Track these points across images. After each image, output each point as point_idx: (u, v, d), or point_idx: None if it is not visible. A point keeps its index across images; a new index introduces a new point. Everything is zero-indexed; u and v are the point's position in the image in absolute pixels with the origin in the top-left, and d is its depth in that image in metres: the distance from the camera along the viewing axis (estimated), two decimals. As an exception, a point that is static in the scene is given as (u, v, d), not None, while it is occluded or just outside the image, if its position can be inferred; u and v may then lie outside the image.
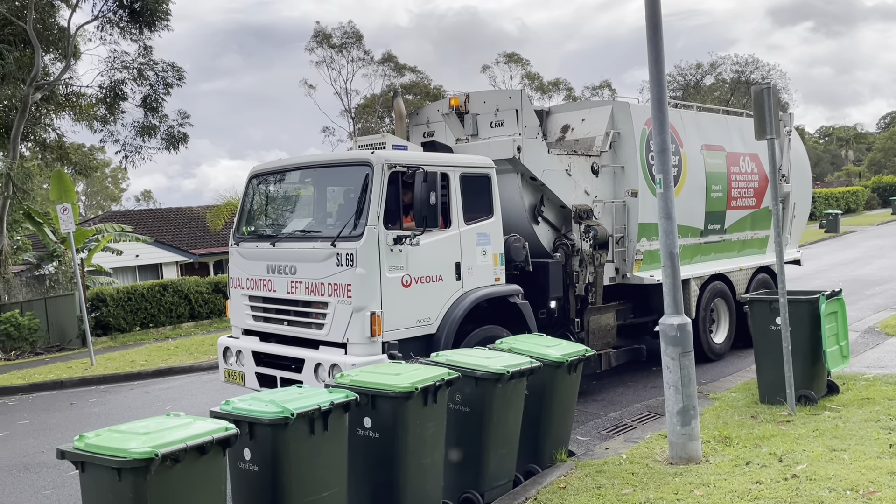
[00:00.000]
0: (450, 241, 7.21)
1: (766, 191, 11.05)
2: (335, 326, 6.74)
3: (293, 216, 8.06)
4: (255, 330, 7.62)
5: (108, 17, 18.55)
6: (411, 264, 6.83)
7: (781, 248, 7.26)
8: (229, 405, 4.39)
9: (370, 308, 6.56)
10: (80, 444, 3.75)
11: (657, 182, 6.07)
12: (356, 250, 6.61)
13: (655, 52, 6.01)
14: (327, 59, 42.31)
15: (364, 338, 6.54)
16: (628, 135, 9.08)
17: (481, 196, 7.58)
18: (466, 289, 7.27)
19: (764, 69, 49.81)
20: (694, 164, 9.90)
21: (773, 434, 6.40)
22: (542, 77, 48.17)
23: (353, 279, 6.60)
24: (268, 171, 8.01)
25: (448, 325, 7.01)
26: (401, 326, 6.77)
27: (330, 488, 4.43)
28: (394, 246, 6.69)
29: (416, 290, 6.87)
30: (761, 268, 11.15)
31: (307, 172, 7.80)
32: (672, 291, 5.98)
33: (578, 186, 8.75)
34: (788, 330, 6.95)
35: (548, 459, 5.99)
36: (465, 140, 8.72)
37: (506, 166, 8.13)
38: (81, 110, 19.81)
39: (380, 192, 6.70)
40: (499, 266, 7.62)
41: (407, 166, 6.81)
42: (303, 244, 7.21)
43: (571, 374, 6.07)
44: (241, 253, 7.79)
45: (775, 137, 7.09)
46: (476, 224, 7.44)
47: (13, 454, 8.00)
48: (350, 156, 7.48)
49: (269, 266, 7.39)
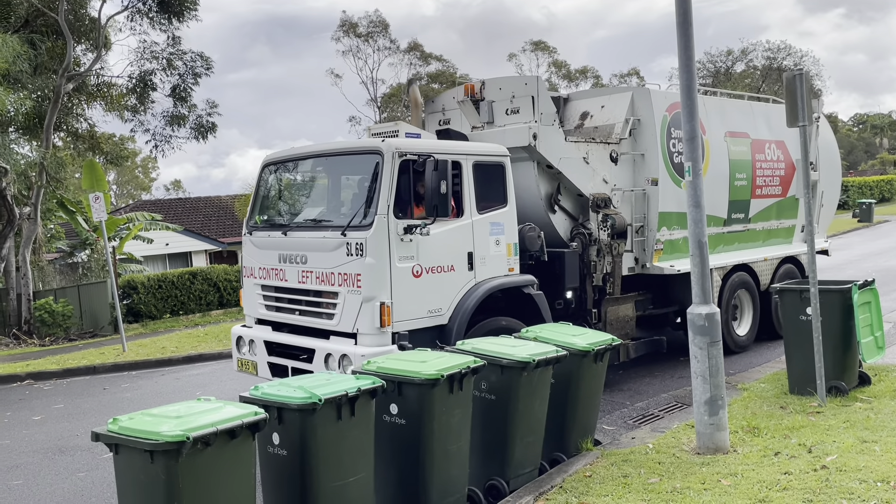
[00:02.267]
0: (462, 230, 7.10)
1: (793, 179, 10.65)
2: (345, 316, 6.69)
3: (305, 205, 8.03)
4: (268, 319, 7.62)
5: (138, 7, 18.75)
6: (422, 254, 6.74)
7: (812, 238, 7.15)
8: (258, 390, 4.45)
9: (380, 298, 6.49)
10: (114, 426, 3.83)
11: (686, 170, 6.01)
12: (366, 240, 6.53)
13: (685, 38, 5.93)
14: (353, 49, 42.42)
15: (374, 328, 6.48)
16: (648, 121, 8.92)
17: (495, 185, 7.46)
18: (479, 279, 7.17)
19: (796, 55, 48.91)
20: (717, 151, 9.72)
21: (802, 425, 6.33)
22: (569, 65, 47.86)
23: (363, 269, 6.54)
24: (280, 159, 7.97)
25: (460, 317, 6.90)
26: (411, 317, 6.69)
27: (357, 473, 4.47)
28: (404, 236, 6.60)
29: (426, 280, 6.78)
30: (787, 258, 10.94)
31: (319, 161, 7.77)
32: (700, 280, 5.93)
33: (596, 174, 8.63)
34: (819, 320, 6.85)
35: (573, 448, 5.99)
36: (481, 128, 8.62)
37: (521, 154, 8.03)
38: (112, 100, 20.09)
39: (390, 180, 6.61)
40: (513, 256, 7.51)
41: (418, 154, 6.71)
42: (313, 233, 7.14)
43: (598, 363, 6.05)
44: (253, 242, 7.77)
45: (807, 125, 6.98)
46: (489, 213, 7.33)
47: (49, 437, 8.19)
48: (360, 144, 7.41)
49: (281, 255, 7.35)
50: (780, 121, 11.06)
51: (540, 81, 8.41)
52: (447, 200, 6.62)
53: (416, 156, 6.71)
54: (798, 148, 10.65)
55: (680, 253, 9.17)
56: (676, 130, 8.98)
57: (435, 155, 6.65)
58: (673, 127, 9.04)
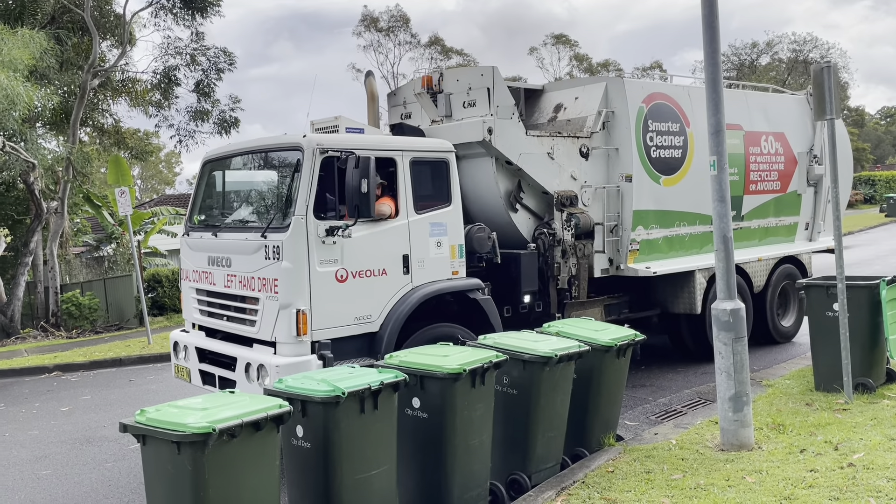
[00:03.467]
0: (396, 231, 6.62)
1: (794, 174, 10.32)
2: (264, 324, 6.24)
3: (236, 205, 7.64)
4: (201, 325, 7.21)
5: (162, 3, 18.92)
6: (348, 257, 6.28)
7: (840, 232, 7.05)
8: (282, 383, 4.49)
9: (296, 305, 6.02)
10: (142, 418, 3.89)
11: (711, 164, 5.95)
12: (282, 243, 6.08)
13: (710, 31, 5.87)
14: (374, 43, 42.52)
15: (291, 337, 6.03)
16: (623, 114, 8.41)
17: (437, 183, 7.00)
18: (416, 283, 6.69)
19: (823, 48, 48.22)
20: (703, 144, 8.68)
21: (828, 422, 6.26)
22: (590, 58, 47.63)
23: (280, 274, 6.08)
24: (216, 157, 7.50)
25: (391, 324, 6.43)
26: (335, 325, 6.22)
27: (380, 466, 4.50)
28: (326, 238, 6.14)
29: (353, 285, 6.31)
30: (785, 258, 10.30)
31: (250, 158, 7.34)
32: (725, 276, 5.87)
33: (563, 171, 8.14)
34: (847, 316, 6.76)
35: (595, 443, 5.98)
36: (440, 121, 8.12)
37: (478, 150, 7.66)
38: (137, 96, 20.33)
39: (309, 178, 6.16)
40: (457, 258, 7.01)
41: (341, 151, 6.21)
42: (237, 235, 6.71)
43: (620, 358, 6.02)
44: (188, 243, 7.37)
45: (835, 118, 6.89)
46: (429, 213, 6.84)
47: (76, 428, 8.32)
48: (282, 140, 6.97)
49: (210, 258, 6.94)
50: (780, 111, 10.60)
51: (496, 72, 7.88)
52: (369, 200, 6.09)
53: (339, 152, 6.22)
54: (802, 141, 10.47)
55: (659, 253, 8.77)
56: (655, 123, 8.60)
57: (359, 151, 6.16)
58: (651, 119, 8.60)
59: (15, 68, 13.36)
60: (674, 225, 8.93)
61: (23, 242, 18.42)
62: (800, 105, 10.74)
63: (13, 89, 12.72)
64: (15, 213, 20.57)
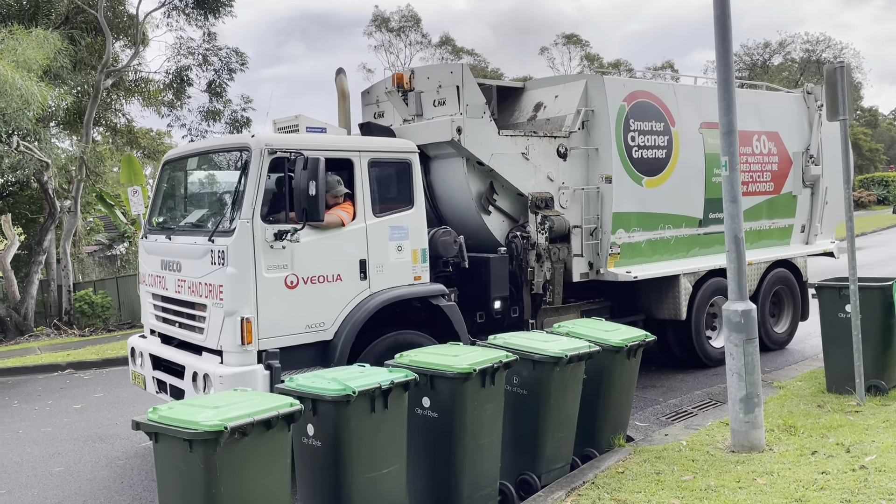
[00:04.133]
0: (352, 235, 6.31)
1: (789, 174, 9.95)
2: (211, 332, 5.98)
3: (190, 207, 7.37)
4: (157, 331, 7.02)
5: (175, 3, 19.04)
6: (298, 263, 5.99)
7: (853, 233, 7.00)
8: (294, 382, 4.52)
9: (241, 313, 5.74)
10: (154, 416, 3.92)
11: (723, 165, 5.95)
12: (227, 247, 5.83)
13: (723, 31, 5.85)
14: (385, 44, 42.59)
15: (236, 346, 5.76)
16: (603, 113, 8.10)
17: (399, 184, 6.75)
18: (375, 290, 6.39)
19: (836, 48, 47.93)
20: (689, 144, 8.87)
21: (840, 424, 6.22)
22: (601, 58, 47.55)
23: (225, 280, 5.82)
24: (173, 157, 7.28)
25: (346, 332, 6.14)
26: (284, 333, 5.94)
27: (390, 465, 4.51)
28: (275, 242, 5.85)
29: (304, 291, 6.02)
30: (778, 262, 9.92)
31: (204, 159, 7.11)
32: (737, 276, 5.85)
33: (539, 171, 7.86)
34: (859, 317, 6.73)
35: (605, 444, 5.97)
36: (412, 120, 7.88)
37: (448, 150, 7.44)
38: (150, 96, 20.47)
39: (256, 180, 5.88)
40: (420, 263, 6.73)
41: (291, 151, 5.96)
42: (187, 238, 6.45)
43: (631, 359, 6.01)
44: (145, 246, 7.16)
45: (848, 119, 6.85)
46: (389, 216, 6.56)
47: (89, 425, 8.39)
48: (231, 140, 6.68)
49: (163, 262, 6.71)
50: (774, 110, 10.19)
51: (465, 69, 7.60)
52: (317, 203, 5.79)
53: (290, 152, 5.96)
54: (797, 141, 10.12)
55: (642, 257, 8.48)
56: (637, 122, 8.33)
57: (308, 152, 5.89)
58: (633, 119, 8.31)
59: (29, 68, 13.48)
60: (658, 228, 8.63)
61: (36, 241, 18.58)
62: (796, 103, 10.36)
63: (27, 89, 12.83)
64: (29, 212, 20.75)
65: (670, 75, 21.22)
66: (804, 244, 10.41)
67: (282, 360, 5.75)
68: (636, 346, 5.99)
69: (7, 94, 12.55)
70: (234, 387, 5.23)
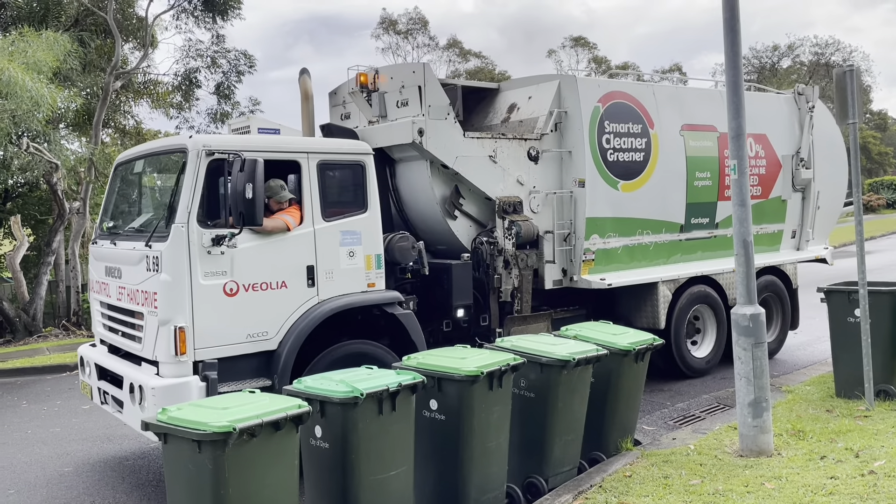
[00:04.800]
0: (299, 240, 6.06)
1: (778, 178, 9.63)
2: (147, 341, 5.76)
3: (134, 211, 7.16)
4: (103, 339, 6.83)
5: (183, 6, 19.12)
6: (239, 269, 5.74)
7: (862, 237, 6.97)
8: (301, 383, 4.53)
9: (175, 321, 5.50)
10: (163, 417, 3.93)
11: (731, 168, 5.91)
12: (161, 253, 5.61)
13: (732, 34, 5.84)
14: (393, 46, 42.66)
15: (170, 356, 5.51)
16: (576, 114, 7.89)
17: (351, 187, 6.51)
18: (323, 297, 6.14)
19: (845, 51, 47.76)
20: (669, 147, 8.61)
21: (849, 429, 6.20)
22: (609, 61, 47.50)
23: (159, 287, 5.59)
24: (123, 160, 7.07)
25: (291, 341, 5.88)
26: (223, 343, 5.68)
27: (397, 467, 4.52)
28: (212, 248, 5.61)
29: (245, 299, 5.76)
30: (766, 269, 9.56)
31: (150, 161, 6.87)
32: (745, 280, 5.83)
33: (508, 175, 7.65)
34: (868, 322, 6.70)
35: (613, 448, 5.96)
36: (376, 122, 7.69)
37: (412, 152, 7.26)
38: (158, 98, 20.55)
39: (193, 182, 5.65)
40: (374, 269, 6.47)
41: (229, 153, 5.69)
42: (128, 244, 6.21)
43: (638, 362, 6.00)
44: (93, 252, 7.00)
45: (858, 122, 6.83)
46: (340, 220, 6.31)
47: (97, 426, 8.42)
48: (169, 142, 6.47)
49: (107, 268, 6.51)
50: (762, 112, 9.78)
51: (427, 69, 7.33)
52: (255, 206, 5.55)
53: (228, 154, 5.70)
54: (787, 143, 9.80)
55: (618, 264, 8.22)
56: (612, 124, 8.10)
57: (246, 153, 5.65)
58: (608, 120, 8.07)
59: (39, 70, 13.54)
60: (635, 233, 8.37)
61: (45, 242, 18.66)
62: (786, 105, 10.03)
63: (37, 91, 12.90)
64: (38, 214, 20.86)
65: (678, 78, 21.18)
66: (795, 250, 10.10)
67: (222, 371, 5.53)
68: (644, 349, 5.98)
69: (17, 95, 12.62)
70: (166, 400, 5.17)
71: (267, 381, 5.76)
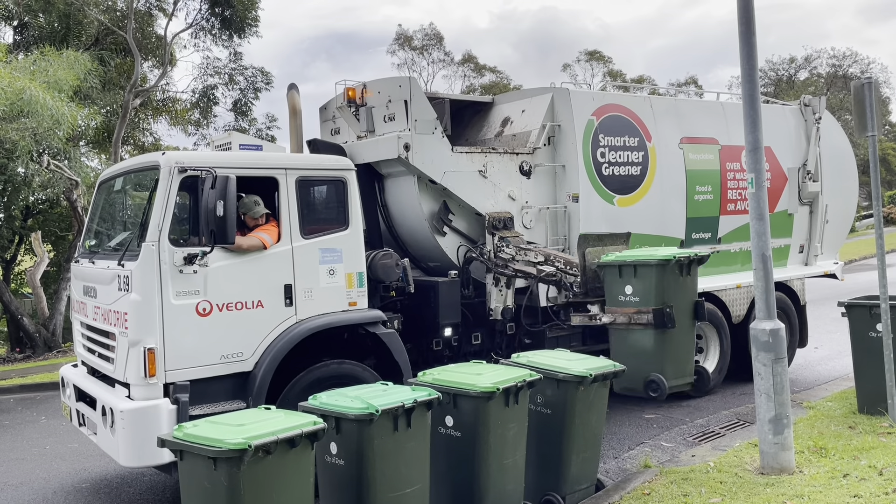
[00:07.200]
0: (275, 258, 5.89)
1: (784, 191, 9.41)
2: (119, 362, 5.61)
3: (111, 230, 7.06)
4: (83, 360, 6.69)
5: (202, 24, 19.38)
6: (213, 288, 5.58)
7: (883, 251, 6.87)
8: (317, 400, 4.52)
9: (144, 342, 5.35)
10: (179, 433, 3.94)
11: (749, 182, 5.86)
12: (131, 272, 5.47)
13: (748, 47, 5.82)
14: (408, 62, 42.88)
15: (139, 378, 5.35)
16: (569, 128, 7.76)
17: (332, 204, 6.41)
18: (302, 316, 5.96)
19: (863, 63, 47.42)
20: (667, 161, 8.44)
21: (872, 446, 6.09)
22: (624, 74, 47.42)
23: (129, 307, 5.45)
24: (104, 178, 6.98)
25: (267, 362, 5.70)
26: (195, 364, 5.52)
27: (413, 484, 4.49)
28: (185, 266, 5.46)
29: (219, 319, 5.60)
30: None
31: (127, 179, 6.72)
32: (764, 295, 5.78)
33: (499, 190, 7.51)
34: (891, 336, 6.59)
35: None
36: (365, 136, 7.63)
37: (399, 167, 7.18)
38: (177, 115, 20.81)
39: (164, 200, 5.53)
40: (355, 288, 6.28)
41: (203, 169, 5.54)
42: (103, 263, 6.10)
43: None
44: (73, 271, 6.88)
45: (876, 135, 6.76)
46: (320, 237, 6.14)
47: (114, 441, 8.44)
48: (143, 159, 6.34)
49: (84, 287, 6.41)
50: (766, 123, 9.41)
51: (413, 83, 7.27)
52: (226, 224, 5.41)
53: (202, 171, 5.54)
54: (792, 156, 9.53)
55: None
56: (607, 138, 7.97)
57: (219, 170, 5.51)
58: (602, 134, 7.95)
59: (60, 89, 13.75)
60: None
61: (65, 258, 18.85)
62: (792, 116, 9.81)
63: (58, 109, 13.08)
64: (58, 230, 21.09)
65: (693, 91, 21.12)
66: (803, 265, 9.84)
67: (195, 394, 5.41)
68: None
69: (38, 114, 12.80)
70: (135, 423, 5.15)
71: (242, 403, 5.60)
